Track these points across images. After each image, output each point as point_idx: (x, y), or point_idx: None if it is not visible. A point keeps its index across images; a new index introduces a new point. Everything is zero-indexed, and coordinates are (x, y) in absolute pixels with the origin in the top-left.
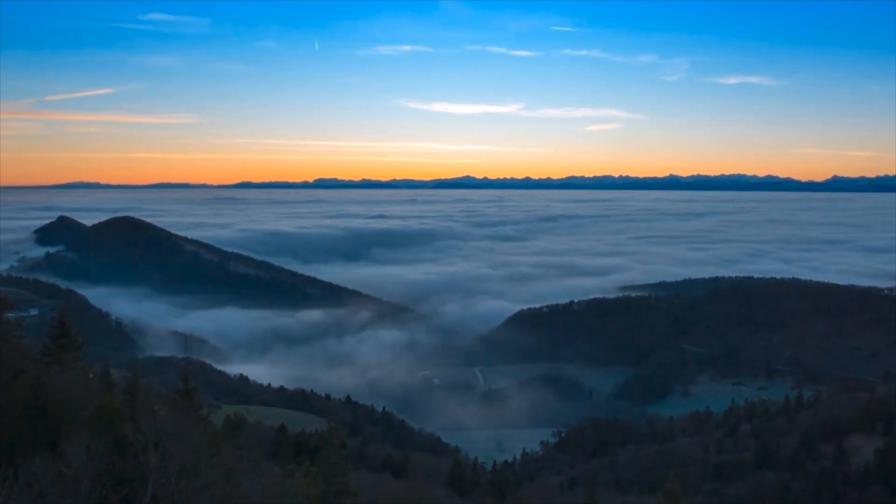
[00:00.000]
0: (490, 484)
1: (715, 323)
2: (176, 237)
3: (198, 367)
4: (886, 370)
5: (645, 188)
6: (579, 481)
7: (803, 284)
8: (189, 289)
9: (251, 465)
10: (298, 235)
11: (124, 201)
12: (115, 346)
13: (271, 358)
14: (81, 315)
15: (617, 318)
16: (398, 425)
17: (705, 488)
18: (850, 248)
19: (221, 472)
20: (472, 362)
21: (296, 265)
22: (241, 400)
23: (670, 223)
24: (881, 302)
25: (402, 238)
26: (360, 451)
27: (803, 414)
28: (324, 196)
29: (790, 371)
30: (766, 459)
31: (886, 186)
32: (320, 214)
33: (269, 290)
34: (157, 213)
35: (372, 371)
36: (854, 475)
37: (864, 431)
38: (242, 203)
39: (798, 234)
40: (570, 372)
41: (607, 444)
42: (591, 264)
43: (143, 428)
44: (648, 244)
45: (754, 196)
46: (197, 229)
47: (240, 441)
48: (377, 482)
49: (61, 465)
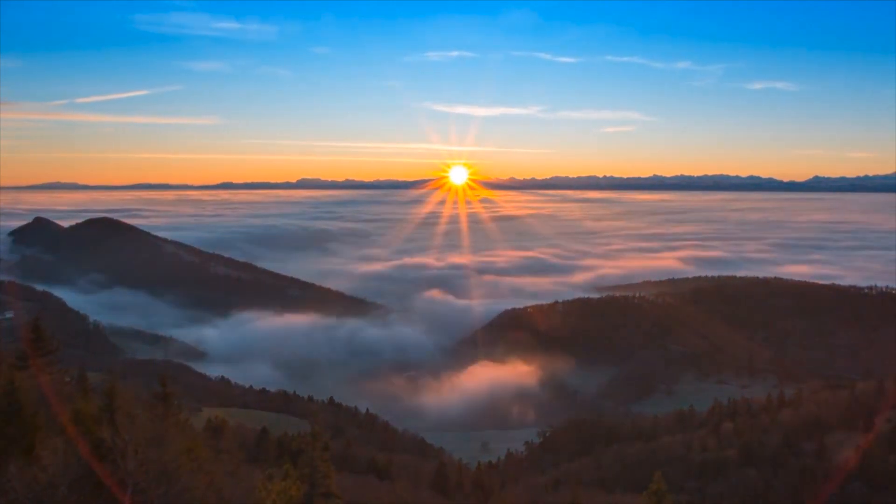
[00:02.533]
0: (474, 485)
1: (698, 322)
2: (155, 238)
3: (177, 370)
4: (866, 367)
5: (632, 189)
6: (564, 481)
7: (785, 283)
8: (168, 290)
9: (232, 468)
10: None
11: (116, 203)
12: (92, 349)
13: (252, 359)
14: (58, 318)
15: (601, 317)
16: (382, 427)
17: (689, 486)
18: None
19: (201, 476)
20: (458, 362)
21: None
22: (222, 403)
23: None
24: (861, 300)
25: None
26: (344, 454)
27: (785, 411)
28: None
29: (772, 369)
30: (748, 457)
31: (866, 187)
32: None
33: (249, 291)
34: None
35: (351, 370)
36: (835, 472)
37: (845, 428)
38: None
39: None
40: (554, 371)
41: (592, 443)
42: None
43: (121, 432)
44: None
45: (737, 196)
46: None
47: (220, 445)
48: (361, 484)
49: (37, 470)
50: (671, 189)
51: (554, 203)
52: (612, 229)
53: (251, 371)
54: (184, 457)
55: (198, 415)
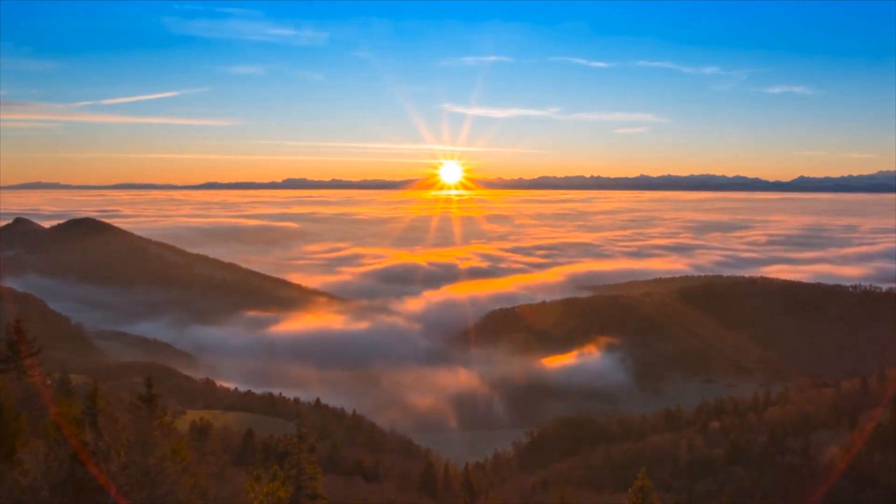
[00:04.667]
0: (462, 486)
1: (685, 321)
2: (140, 239)
3: (162, 372)
4: (852, 366)
5: (617, 188)
6: (552, 481)
7: (771, 283)
8: (152, 291)
9: (217, 471)
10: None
11: (96, 203)
12: (75, 351)
13: (237, 361)
14: (40, 320)
15: (589, 317)
16: (369, 428)
17: (677, 485)
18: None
19: (186, 479)
20: (446, 362)
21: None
22: (207, 405)
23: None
24: (846, 300)
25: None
26: (331, 455)
27: (772, 410)
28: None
29: (759, 368)
30: (736, 455)
31: (849, 187)
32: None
33: (234, 291)
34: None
35: (338, 371)
36: (820, 470)
37: (830, 427)
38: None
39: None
40: (541, 371)
41: (580, 443)
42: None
43: (104, 435)
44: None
45: (725, 196)
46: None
47: (205, 447)
48: (348, 486)
49: (18, 474)
50: (657, 189)
51: (540, 203)
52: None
53: (237, 372)
54: (168, 459)
55: (182, 417)
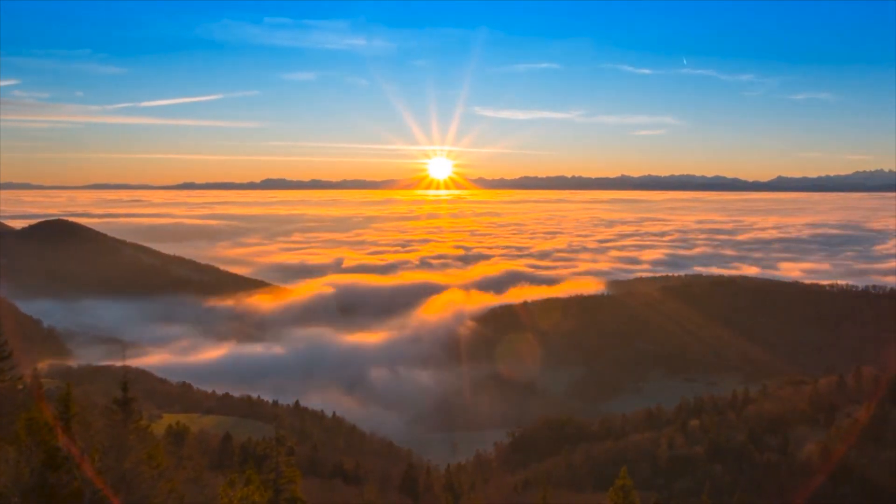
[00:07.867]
0: (444, 487)
1: (665, 321)
2: (113, 240)
3: (137, 376)
4: (829, 364)
5: (598, 188)
6: (534, 481)
7: (750, 282)
8: (127, 293)
9: (194, 475)
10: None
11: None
12: (47, 354)
13: (215, 364)
14: (10, 322)
15: (569, 317)
16: (349, 430)
17: (657, 483)
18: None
19: (162, 484)
20: (425, 363)
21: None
22: (184, 408)
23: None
24: (823, 298)
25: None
26: (310, 458)
27: (750, 408)
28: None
29: (738, 366)
30: (715, 453)
31: (827, 186)
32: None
33: (211, 293)
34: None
35: (317, 373)
36: (798, 466)
37: (808, 423)
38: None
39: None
40: (522, 371)
41: (561, 442)
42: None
43: (78, 440)
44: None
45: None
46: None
47: (182, 451)
48: (328, 489)
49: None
50: (638, 188)
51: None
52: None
53: (214, 376)
54: (144, 464)
55: (159, 421)
